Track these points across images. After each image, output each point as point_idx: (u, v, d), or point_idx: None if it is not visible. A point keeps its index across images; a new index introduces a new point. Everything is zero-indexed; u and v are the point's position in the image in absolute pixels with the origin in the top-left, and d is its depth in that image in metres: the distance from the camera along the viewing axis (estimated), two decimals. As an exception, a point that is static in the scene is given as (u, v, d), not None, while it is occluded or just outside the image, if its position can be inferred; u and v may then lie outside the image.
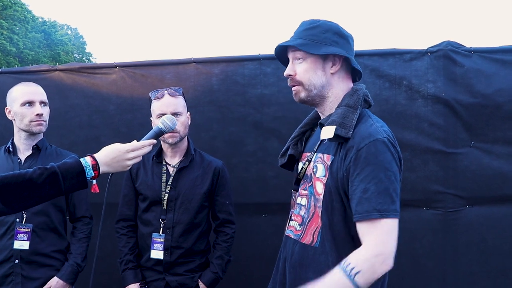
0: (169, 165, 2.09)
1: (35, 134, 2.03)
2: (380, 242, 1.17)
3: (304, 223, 1.37)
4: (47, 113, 2.05)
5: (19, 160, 2.03)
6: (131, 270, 2.05)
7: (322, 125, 1.36)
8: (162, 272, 2.03)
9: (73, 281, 2.03)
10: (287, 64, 1.43)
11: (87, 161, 1.39)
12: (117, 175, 1.56)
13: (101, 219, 1.56)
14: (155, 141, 1.54)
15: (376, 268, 1.16)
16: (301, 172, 1.43)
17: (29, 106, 1.98)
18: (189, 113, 2.11)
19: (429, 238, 2.48)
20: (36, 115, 1.97)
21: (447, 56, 2.43)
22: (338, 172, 1.28)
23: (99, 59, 44.03)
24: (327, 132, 1.29)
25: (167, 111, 1.97)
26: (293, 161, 1.54)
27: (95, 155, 1.42)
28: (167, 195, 2.04)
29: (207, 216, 2.15)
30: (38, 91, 2.02)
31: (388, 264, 1.17)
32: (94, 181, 1.43)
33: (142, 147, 1.48)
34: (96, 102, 2.67)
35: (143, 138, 1.52)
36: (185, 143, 2.12)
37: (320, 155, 1.37)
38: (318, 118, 1.47)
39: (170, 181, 2.05)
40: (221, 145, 2.59)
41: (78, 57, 37.04)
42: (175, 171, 2.07)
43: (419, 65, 2.46)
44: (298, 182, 1.45)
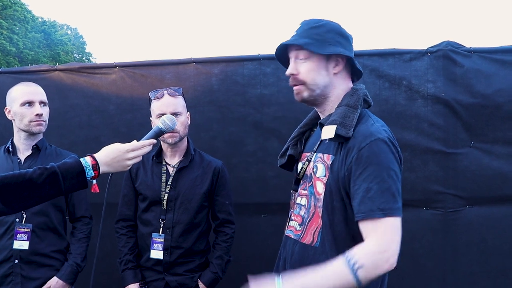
0: (169, 165, 2.09)
1: (34, 134, 2.03)
2: (385, 240, 1.17)
3: (304, 223, 1.37)
4: (47, 113, 2.05)
5: (18, 160, 2.03)
6: (130, 270, 2.05)
7: (322, 125, 1.36)
8: (162, 272, 2.03)
9: (72, 281, 2.03)
10: (285, 64, 1.43)
11: (87, 161, 1.39)
12: (117, 175, 1.56)
13: (101, 219, 1.56)
14: (155, 141, 1.54)
15: (379, 265, 1.15)
16: (300, 172, 1.43)
17: (28, 106, 1.98)
18: (188, 113, 2.11)
19: (429, 238, 2.47)
20: (36, 115, 1.97)
21: (447, 56, 2.43)
22: (339, 171, 1.27)
23: (99, 59, 44.12)
24: (328, 132, 1.29)
25: (166, 111, 1.97)
26: (292, 161, 1.53)
27: (95, 155, 1.42)
28: (166, 195, 2.03)
29: (207, 216, 2.15)
30: (37, 91, 2.02)
31: (391, 262, 1.16)
32: (94, 181, 1.43)
33: (142, 147, 1.49)
34: (96, 102, 2.67)
35: (143, 138, 1.52)
36: (185, 143, 2.12)
37: (320, 155, 1.37)
38: (317, 118, 1.47)
39: (169, 181, 2.05)
40: (221, 145, 2.59)
41: (78, 57, 37.05)
42: (174, 171, 2.06)
43: (419, 65, 2.46)
44: (297, 182, 1.45)
